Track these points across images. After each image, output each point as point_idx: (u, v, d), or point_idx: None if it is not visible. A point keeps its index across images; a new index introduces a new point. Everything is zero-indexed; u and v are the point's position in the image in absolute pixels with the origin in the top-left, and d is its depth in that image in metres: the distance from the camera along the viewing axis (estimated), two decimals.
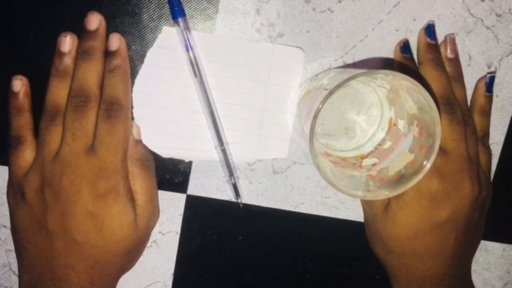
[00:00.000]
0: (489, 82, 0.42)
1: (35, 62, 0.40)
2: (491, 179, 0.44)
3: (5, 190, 0.40)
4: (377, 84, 0.37)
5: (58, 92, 0.38)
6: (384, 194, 0.34)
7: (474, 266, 0.44)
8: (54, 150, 0.37)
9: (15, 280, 0.44)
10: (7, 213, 0.39)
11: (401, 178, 0.34)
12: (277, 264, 0.46)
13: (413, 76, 0.39)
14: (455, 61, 0.41)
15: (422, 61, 0.40)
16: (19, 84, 0.39)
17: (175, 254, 0.44)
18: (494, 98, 0.43)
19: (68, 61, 0.38)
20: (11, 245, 0.41)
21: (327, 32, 0.41)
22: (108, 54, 0.39)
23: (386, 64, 0.42)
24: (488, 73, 0.42)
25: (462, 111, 0.39)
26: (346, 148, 0.40)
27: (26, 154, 0.38)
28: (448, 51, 0.41)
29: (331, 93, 0.31)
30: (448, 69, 0.41)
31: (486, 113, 0.42)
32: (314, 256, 0.46)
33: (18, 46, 0.40)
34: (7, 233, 0.43)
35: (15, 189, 0.38)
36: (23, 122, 0.39)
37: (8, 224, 0.41)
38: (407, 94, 0.35)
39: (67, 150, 0.36)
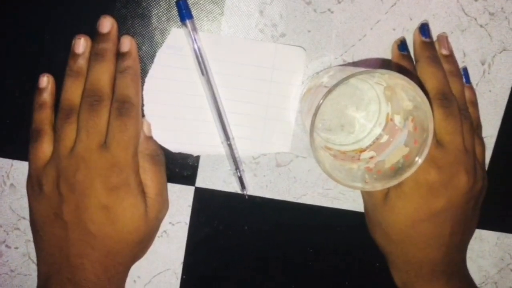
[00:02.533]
0: (465, 74, 0.43)
1: (49, 62, 0.41)
2: (486, 170, 0.45)
3: (25, 184, 0.41)
4: (375, 81, 0.38)
5: (73, 91, 0.39)
6: (380, 185, 0.35)
7: (469, 254, 0.45)
8: (69, 146, 0.38)
9: (33, 268, 0.46)
10: (26, 205, 0.41)
11: (396, 170, 0.35)
12: (281, 253, 0.47)
13: (409, 73, 0.40)
14: (451, 57, 0.42)
15: (418, 58, 0.41)
16: (46, 81, 0.40)
17: (185, 243, 0.46)
18: (488, 93, 0.44)
19: (82, 62, 0.39)
20: (30, 236, 0.42)
21: (327, 32, 0.42)
22: (119, 55, 0.40)
23: (384, 62, 0.43)
24: (461, 68, 0.43)
25: (459, 105, 0.40)
26: (346, 142, 0.41)
27: (45, 147, 0.39)
28: (442, 48, 0.42)
29: (330, 91, 0.32)
30: (445, 65, 0.41)
31: (473, 103, 0.43)
32: (315, 244, 0.47)
33: (34, 48, 0.41)
34: (26, 225, 0.44)
35: (33, 182, 0.39)
36: (44, 116, 0.40)
37: (27, 216, 0.42)
38: (402, 92, 0.35)
39: (81, 146, 0.37)
